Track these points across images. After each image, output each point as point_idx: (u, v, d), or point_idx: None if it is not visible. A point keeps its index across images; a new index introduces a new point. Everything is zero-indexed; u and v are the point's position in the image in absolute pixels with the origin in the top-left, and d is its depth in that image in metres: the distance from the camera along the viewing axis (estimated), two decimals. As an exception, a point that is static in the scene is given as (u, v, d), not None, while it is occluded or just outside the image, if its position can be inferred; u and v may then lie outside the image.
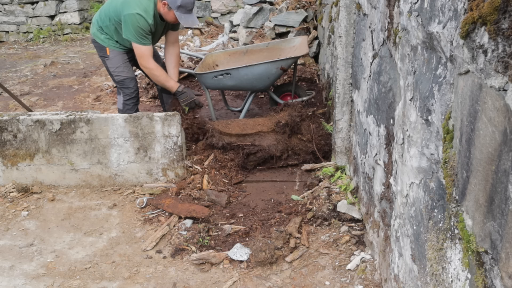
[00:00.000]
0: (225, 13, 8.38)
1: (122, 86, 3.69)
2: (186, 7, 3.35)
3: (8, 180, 3.45)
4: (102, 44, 3.60)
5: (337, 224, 2.80)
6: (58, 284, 2.47)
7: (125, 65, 3.66)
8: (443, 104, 1.36)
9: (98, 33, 3.61)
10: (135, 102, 3.77)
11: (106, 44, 3.59)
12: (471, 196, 1.18)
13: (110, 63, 3.63)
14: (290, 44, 4.44)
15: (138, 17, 3.31)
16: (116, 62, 3.62)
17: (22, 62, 7.51)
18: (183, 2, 3.31)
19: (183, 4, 3.32)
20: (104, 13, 3.57)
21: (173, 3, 3.31)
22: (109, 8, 3.52)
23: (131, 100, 3.73)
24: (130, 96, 3.71)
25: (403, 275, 1.83)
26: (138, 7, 3.32)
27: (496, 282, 1.05)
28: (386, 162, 2.13)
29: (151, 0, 3.37)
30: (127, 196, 3.28)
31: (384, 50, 2.16)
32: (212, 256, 2.55)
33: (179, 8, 3.33)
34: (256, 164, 3.59)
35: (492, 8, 0.98)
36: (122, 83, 3.68)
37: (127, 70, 3.68)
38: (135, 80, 3.75)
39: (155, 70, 3.51)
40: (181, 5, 3.32)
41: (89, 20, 10.12)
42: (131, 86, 3.69)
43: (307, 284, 2.38)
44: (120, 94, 3.74)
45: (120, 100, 3.75)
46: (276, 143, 3.54)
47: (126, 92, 3.70)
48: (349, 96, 3.19)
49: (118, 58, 3.62)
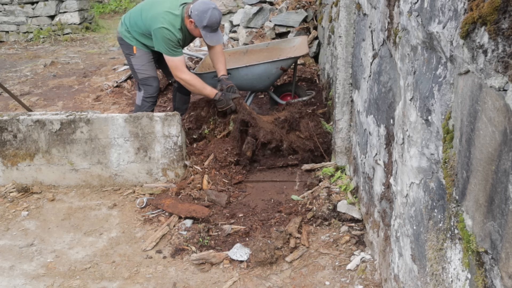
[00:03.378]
0: (225, 13, 8.37)
1: (145, 83, 3.76)
2: (212, 27, 3.45)
3: (8, 180, 3.45)
4: (130, 43, 3.68)
5: (337, 224, 2.80)
6: (58, 284, 2.47)
7: (150, 64, 3.75)
8: (443, 104, 1.36)
9: (126, 33, 3.69)
10: (154, 101, 3.85)
11: (134, 43, 3.67)
12: (471, 196, 1.18)
13: (135, 61, 3.71)
14: (290, 44, 4.44)
15: (166, 31, 3.41)
16: (142, 61, 3.71)
17: (22, 62, 7.51)
18: (209, 22, 3.39)
19: (209, 24, 3.41)
20: (133, 19, 3.65)
21: (200, 23, 3.41)
22: (139, 16, 3.61)
23: (150, 99, 3.80)
24: (151, 95, 3.79)
25: (403, 275, 1.83)
26: (166, 21, 3.41)
27: (496, 282, 1.05)
28: (386, 162, 2.13)
29: (178, 16, 3.46)
30: (127, 196, 3.29)
31: (384, 50, 2.16)
32: (212, 256, 2.55)
33: (205, 28, 3.43)
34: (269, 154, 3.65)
35: (492, 8, 0.98)
36: (145, 80, 3.75)
37: (151, 69, 3.77)
38: (158, 80, 3.83)
39: (191, 80, 3.55)
40: (207, 25, 3.41)
41: (89, 20, 10.13)
42: (154, 85, 3.77)
43: (307, 284, 2.38)
44: (140, 90, 3.80)
45: (139, 97, 3.82)
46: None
47: (147, 90, 3.77)
48: (349, 96, 3.19)
49: (144, 57, 3.71)
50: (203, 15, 3.37)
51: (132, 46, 3.68)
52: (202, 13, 3.37)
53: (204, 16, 3.37)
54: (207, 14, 3.37)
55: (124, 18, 3.76)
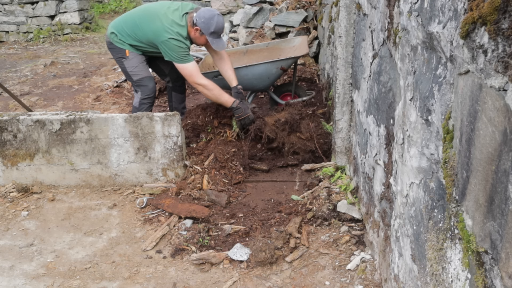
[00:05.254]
0: (225, 13, 8.37)
1: (140, 84, 3.76)
2: (218, 33, 3.50)
3: (8, 180, 3.45)
4: (122, 47, 3.68)
5: (337, 224, 2.80)
6: (58, 284, 2.47)
7: (143, 64, 3.76)
8: (443, 104, 1.36)
9: (116, 38, 3.69)
10: (152, 102, 3.84)
11: (127, 47, 3.68)
12: (471, 196, 1.18)
13: (128, 63, 3.71)
14: (290, 44, 4.44)
15: (176, 41, 3.44)
16: (135, 62, 3.71)
17: (22, 62, 7.51)
18: (216, 28, 3.44)
19: (216, 30, 3.46)
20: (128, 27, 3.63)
21: (207, 30, 3.44)
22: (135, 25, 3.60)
23: (148, 99, 3.79)
24: (148, 95, 3.78)
25: (403, 275, 1.83)
26: (174, 32, 3.44)
27: (496, 282, 1.05)
28: (386, 162, 2.13)
29: (184, 26, 3.48)
30: (127, 196, 3.29)
31: (384, 50, 2.16)
32: (212, 256, 2.55)
33: (212, 34, 3.47)
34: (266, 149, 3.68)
35: (492, 8, 0.98)
36: (140, 81, 3.75)
37: (145, 69, 3.77)
38: (153, 79, 3.82)
39: (209, 85, 3.53)
40: (214, 31, 3.46)
41: (89, 20, 10.13)
42: (149, 85, 3.76)
43: (307, 284, 2.38)
44: (137, 92, 3.80)
45: (136, 99, 3.81)
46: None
47: (144, 90, 3.76)
48: (349, 96, 3.19)
49: (136, 58, 3.71)
50: (209, 21, 3.41)
51: (124, 49, 3.68)
52: (209, 20, 3.41)
53: (211, 23, 3.41)
54: (214, 21, 3.42)
55: (113, 26, 3.73)
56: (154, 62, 3.90)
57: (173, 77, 4.03)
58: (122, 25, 3.68)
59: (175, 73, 3.91)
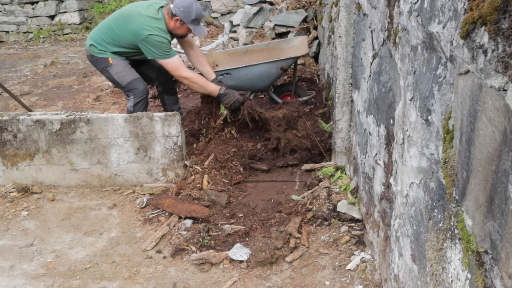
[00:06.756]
0: (225, 13, 8.37)
1: (131, 88, 3.69)
2: (198, 19, 3.52)
3: (8, 180, 3.45)
4: (104, 56, 3.65)
5: (337, 224, 2.80)
6: (58, 284, 2.47)
7: (128, 68, 3.71)
8: (443, 104, 1.36)
9: (96, 50, 3.66)
10: (145, 103, 3.77)
11: (108, 55, 3.65)
12: (471, 196, 1.18)
13: (113, 69, 3.66)
14: (290, 44, 4.44)
15: (156, 37, 3.43)
16: (120, 67, 3.67)
17: (22, 62, 7.51)
18: (196, 15, 3.47)
19: (197, 16, 3.48)
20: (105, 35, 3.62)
21: (187, 18, 3.46)
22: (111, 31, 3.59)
23: (141, 102, 3.73)
24: (141, 97, 3.71)
25: (403, 275, 1.83)
26: (152, 28, 3.43)
27: (496, 282, 1.05)
28: (386, 162, 2.13)
29: (161, 19, 3.48)
30: (127, 196, 3.29)
31: (384, 50, 2.16)
32: (212, 256, 2.55)
33: (193, 21, 3.49)
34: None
35: (492, 8, 0.98)
36: (129, 85, 3.69)
37: (132, 72, 3.72)
38: (142, 80, 3.77)
39: (193, 78, 3.54)
40: (195, 18, 3.48)
41: (89, 20, 10.12)
42: (140, 87, 3.70)
43: (307, 284, 2.38)
44: (130, 97, 3.74)
45: (130, 103, 3.74)
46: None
47: (136, 93, 3.70)
48: (349, 96, 3.19)
49: (121, 63, 3.68)
50: (189, 9, 3.43)
51: (106, 58, 3.65)
52: (188, 8, 3.43)
53: (190, 11, 3.43)
54: (193, 8, 3.44)
55: (91, 38, 3.71)
56: (139, 71, 3.84)
57: (161, 80, 4.00)
58: (99, 35, 3.65)
59: (162, 75, 3.91)
